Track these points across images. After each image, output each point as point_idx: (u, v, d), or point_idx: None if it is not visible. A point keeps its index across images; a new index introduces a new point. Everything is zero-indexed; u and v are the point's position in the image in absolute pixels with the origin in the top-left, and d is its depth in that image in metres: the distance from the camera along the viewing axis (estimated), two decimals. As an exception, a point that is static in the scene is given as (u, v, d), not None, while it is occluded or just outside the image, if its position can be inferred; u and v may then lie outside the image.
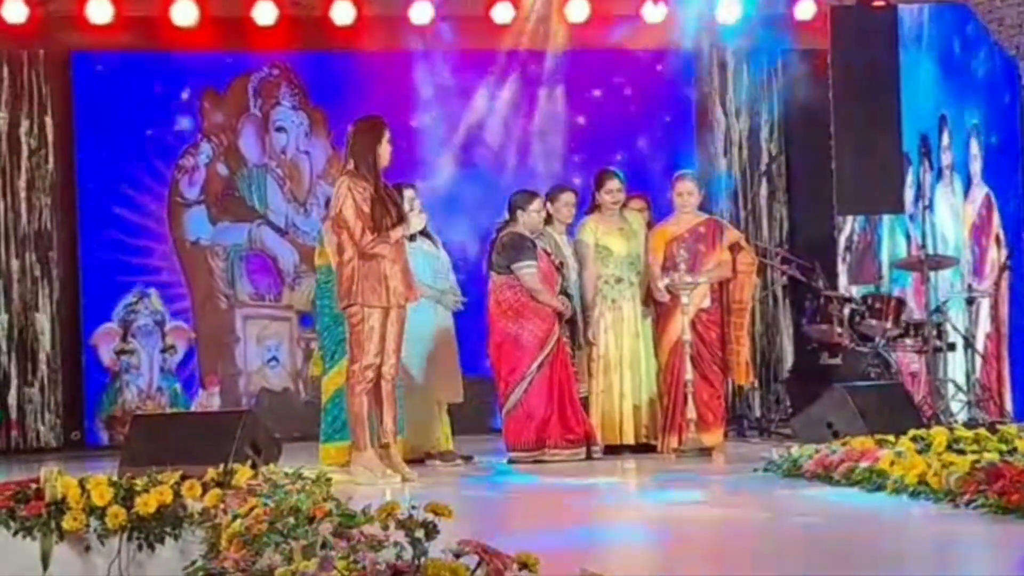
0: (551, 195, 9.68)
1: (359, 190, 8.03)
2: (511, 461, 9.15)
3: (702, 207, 10.08)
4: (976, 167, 11.76)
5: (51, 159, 11.88)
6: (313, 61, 12.38)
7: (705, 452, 9.26)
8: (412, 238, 8.55)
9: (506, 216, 9.43)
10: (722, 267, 9.68)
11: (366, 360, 8.04)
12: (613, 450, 9.58)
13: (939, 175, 12.26)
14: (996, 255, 11.69)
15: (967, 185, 11.84)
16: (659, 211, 10.37)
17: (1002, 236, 11.57)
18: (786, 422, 10.69)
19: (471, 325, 9.81)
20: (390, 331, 8.11)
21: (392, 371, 8.17)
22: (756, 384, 11.56)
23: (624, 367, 9.65)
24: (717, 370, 9.68)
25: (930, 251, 11.23)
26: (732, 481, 8.13)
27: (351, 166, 8.19)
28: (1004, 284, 11.33)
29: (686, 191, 9.80)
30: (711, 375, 9.64)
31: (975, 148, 11.76)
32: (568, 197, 9.66)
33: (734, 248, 9.78)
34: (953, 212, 12.14)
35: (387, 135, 8.19)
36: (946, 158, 12.17)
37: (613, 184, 9.76)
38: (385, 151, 8.13)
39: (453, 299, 9.48)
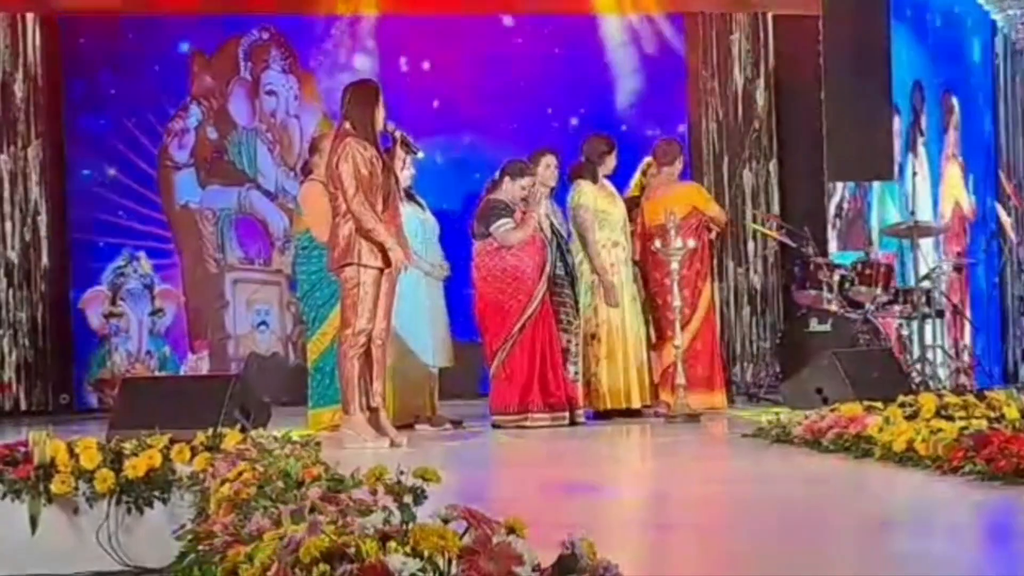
0: (532, 159, 9.68)
1: (360, 149, 7.94)
2: (495, 426, 9.18)
3: (694, 174, 10.15)
4: (952, 133, 11.77)
5: (41, 124, 11.84)
6: (304, 24, 12.34)
7: (693, 418, 9.28)
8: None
9: (495, 177, 9.44)
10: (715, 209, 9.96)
11: (359, 324, 7.96)
12: (604, 415, 9.61)
13: (912, 144, 12.28)
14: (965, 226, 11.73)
15: (942, 150, 11.87)
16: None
17: (974, 204, 11.61)
18: (776, 388, 10.72)
19: (459, 289, 9.81)
20: (383, 295, 8.06)
21: (383, 335, 8.12)
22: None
23: (625, 332, 9.68)
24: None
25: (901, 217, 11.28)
26: (720, 447, 8.13)
27: (348, 127, 8.09)
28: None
29: (666, 157, 10.00)
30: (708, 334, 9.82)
31: (951, 113, 11.76)
32: (549, 160, 9.64)
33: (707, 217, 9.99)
34: (925, 180, 12.16)
35: (381, 99, 8.12)
36: (920, 124, 12.19)
37: (609, 151, 9.83)
38: (380, 115, 8.06)
39: (441, 272, 9.48)
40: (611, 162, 9.86)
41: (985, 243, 12.18)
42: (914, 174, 11.55)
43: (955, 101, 12.03)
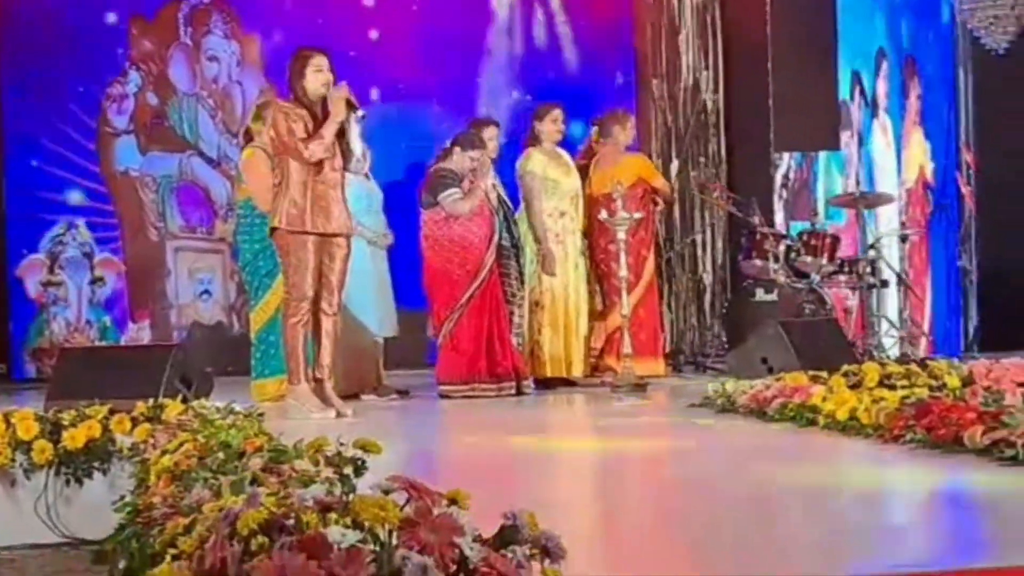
0: (473, 128, 9.64)
1: (286, 111, 7.86)
2: (442, 395, 9.16)
3: (642, 145, 10.15)
4: (915, 100, 11.81)
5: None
6: (246, -11, 12.23)
7: (640, 386, 9.29)
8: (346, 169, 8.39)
9: (446, 146, 9.41)
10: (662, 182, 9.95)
11: (298, 292, 7.87)
12: (547, 384, 9.60)
13: (875, 111, 12.32)
14: (928, 193, 11.79)
15: (903, 118, 11.91)
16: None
17: (933, 172, 11.67)
18: (721, 357, 10.74)
19: (406, 258, 9.76)
20: (333, 264, 7.95)
21: (334, 307, 8.01)
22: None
23: (567, 301, 9.67)
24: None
25: (865, 188, 11.29)
26: (666, 416, 8.14)
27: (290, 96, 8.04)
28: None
29: (611, 127, 10.00)
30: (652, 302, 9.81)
31: (914, 80, 11.80)
32: (491, 131, 9.61)
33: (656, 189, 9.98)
34: (888, 147, 12.20)
35: (314, 64, 7.93)
36: (882, 90, 12.22)
37: (557, 114, 9.80)
38: (314, 80, 7.88)
39: (384, 240, 9.43)
40: (549, 126, 9.80)
41: (946, 212, 12.26)
42: (860, 144, 11.57)
43: (918, 68, 12.06)
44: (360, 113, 7.92)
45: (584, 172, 10.09)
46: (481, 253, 9.18)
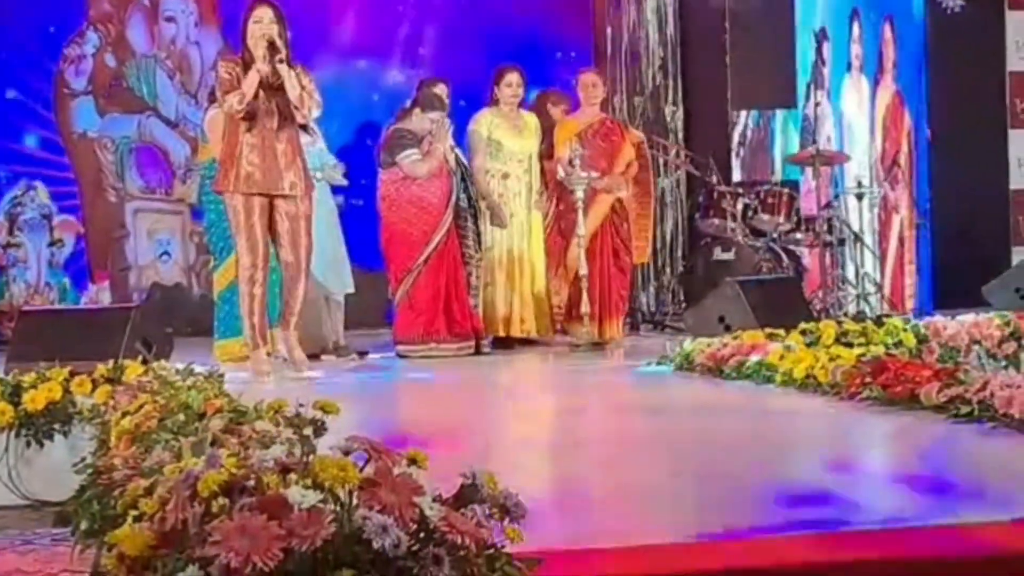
0: (423, 88, 9.63)
1: (227, 67, 7.67)
2: (400, 355, 9.19)
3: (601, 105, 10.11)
4: (889, 60, 11.85)
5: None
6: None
7: (599, 346, 9.33)
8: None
9: (405, 106, 9.41)
10: (632, 168, 9.80)
11: (242, 253, 7.77)
12: (502, 343, 9.64)
13: (848, 67, 12.36)
14: (907, 148, 11.85)
15: (879, 75, 11.96)
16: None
17: (911, 130, 11.73)
18: (679, 316, 10.80)
19: (364, 219, 9.76)
20: (287, 223, 7.77)
21: (295, 263, 7.84)
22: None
23: (510, 262, 9.68)
24: (627, 261, 9.79)
25: (831, 146, 11.38)
26: (624, 375, 8.19)
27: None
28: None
29: (591, 83, 9.87)
30: (624, 265, 9.75)
31: (888, 35, 11.85)
32: (441, 88, 9.62)
33: (639, 148, 9.91)
34: (860, 106, 12.26)
35: (255, 15, 7.69)
36: (855, 50, 12.26)
37: (513, 78, 9.77)
38: (253, 31, 7.65)
39: (334, 173, 9.36)
40: (504, 90, 9.77)
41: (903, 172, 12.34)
42: (816, 104, 11.61)
43: (891, 28, 12.09)
44: (278, 57, 7.53)
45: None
46: (439, 214, 9.19)
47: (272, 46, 7.54)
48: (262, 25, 7.61)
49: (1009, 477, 4.17)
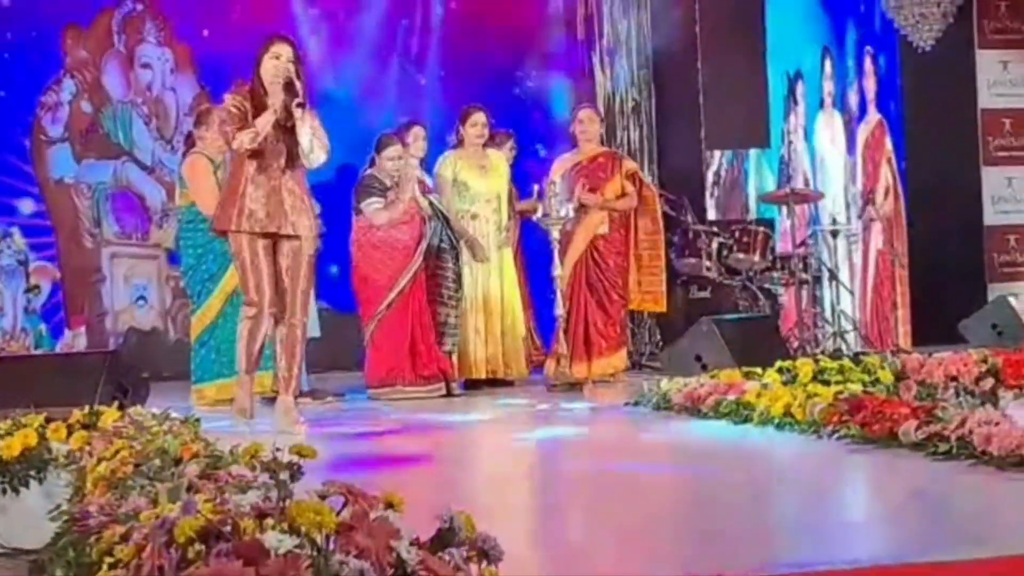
0: (399, 131, 9.69)
1: (235, 102, 7.22)
2: (371, 398, 9.20)
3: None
4: (871, 88, 11.91)
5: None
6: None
7: (576, 386, 9.32)
8: None
9: (373, 155, 9.45)
10: (626, 199, 9.78)
11: (247, 295, 7.34)
12: (473, 385, 9.65)
13: (821, 104, 12.42)
14: (890, 181, 11.89)
15: (861, 110, 12.02)
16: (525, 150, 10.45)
17: (894, 161, 11.78)
18: (656, 355, 10.80)
19: (338, 261, 9.77)
20: (289, 268, 7.31)
21: (294, 315, 7.32)
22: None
23: (479, 302, 9.70)
24: (616, 297, 9.78)
25: (808, 183, 11.42)
26: (601, 414, 8.18)
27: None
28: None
29: (586, 119, 9.95)
30: (607, 302, 9.74)
31: (869, 69, 11.90)
32: (417, 131, 9.67)
33: (633, 179, 9.91)
34: (833, 142, 12.31)
35: (272, 51, 7.30)
36: (828, 87, 12.32)
37: (479, 118, 9.81)
38: (268, 67, 7.26)
39: None
40: (469, 130, 9.81)
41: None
42: (789, 142, 11.68)
43: (871, 61, 12.16)
44: (296, 101, 7.17)
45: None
46: (406, 259, 9.25)
47: (290, 87, 7.21)
48: (279, 63, 7.28)
49: (989, 515, 4.17)
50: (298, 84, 7.21)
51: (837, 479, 5.25)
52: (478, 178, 9.79)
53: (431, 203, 9.46)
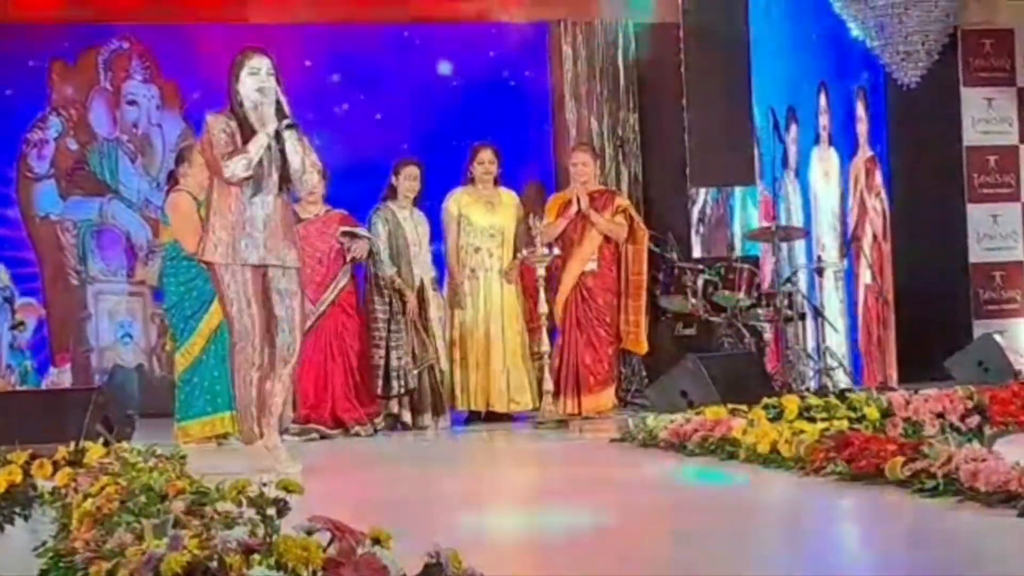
0: (396, 168, 9.75)
1: (220, 125, 6.80)
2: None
3: (558, 177, 10.20)
4: (863, 130, 11.95)
5: None
6: (164, 33, 12.20)
7: (563, 423, 9.32)
8: None
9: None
10: (616, 227, 9.83)
11: (235, 329, 6.84)
12: (473, 418, 9.69)
13: (816, 140, 12.46)
14: (879, 217, 11.91)
15: (852, 147, 12.05)
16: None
17: (884, 197, 11.80)
18: (642, 392, 10.80)
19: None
20: (278, 300, 6.88)
21: (288, 352, 6.89)
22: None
23: (480, 336, 9.73)
24: (604, 334, 9.80)
25: (795, 219, 11.47)
26: (587, 451, 8.17)
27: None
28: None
29: (581, 162, 10.02)
30: (595, 339, 9.75)
31: (860, 110, 11.95)
32: (411, 171, 9.73)
33: (625, 214, 9.94)
34: (827, 177, 12.34)
35: (250, 66, 6.85)
36: (823, 121, 12.36)
37: (486, 155, 9.92)
38: (249, 84, 6.81)
39: None
40: (477, 167, 9.91)
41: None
42: (775, 180, 11.71)
43: (863, 103, 12.18)
44: (286, 122, 6.79)
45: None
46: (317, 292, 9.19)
47: (279, 108, 6.79)
48: (260, 78, 6.81)
49: (977, 552, 4.16)
50: (283, 101, 6.83)
51: (824, 517, 5.24)
52: (482, 213, 9.90)
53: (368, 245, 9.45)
